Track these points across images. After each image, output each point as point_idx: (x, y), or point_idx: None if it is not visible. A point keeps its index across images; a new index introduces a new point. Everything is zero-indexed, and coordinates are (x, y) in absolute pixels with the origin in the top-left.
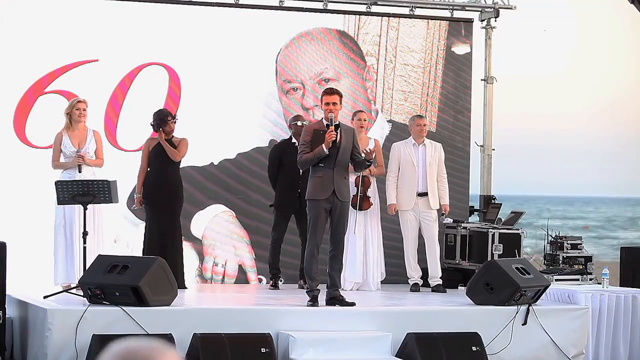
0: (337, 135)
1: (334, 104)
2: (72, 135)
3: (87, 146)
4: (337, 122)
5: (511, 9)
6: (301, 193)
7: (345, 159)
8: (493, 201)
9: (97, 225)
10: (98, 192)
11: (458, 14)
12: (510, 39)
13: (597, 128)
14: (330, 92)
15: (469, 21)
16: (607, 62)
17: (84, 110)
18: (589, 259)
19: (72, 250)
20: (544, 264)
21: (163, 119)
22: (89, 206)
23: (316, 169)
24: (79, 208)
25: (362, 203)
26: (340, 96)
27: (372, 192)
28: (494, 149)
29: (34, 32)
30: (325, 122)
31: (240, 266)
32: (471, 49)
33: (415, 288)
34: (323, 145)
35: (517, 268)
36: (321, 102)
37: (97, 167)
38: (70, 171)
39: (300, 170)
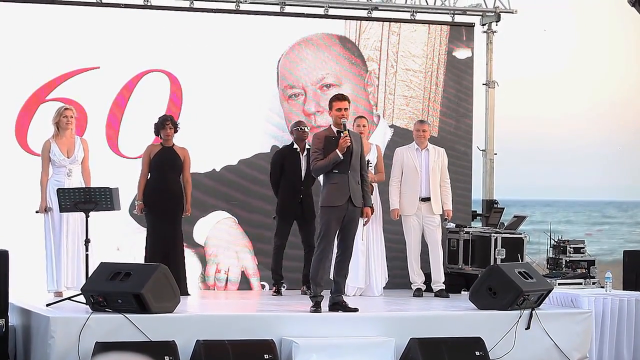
0: (350, 140)
1: (345, 109)
2: (61, 143)
3: (76, 154)
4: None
5: (512, 13)
6: (303, 199)
7: (357, 164)
8: (495, 206)
9: (82, 232)
10: (100, 200)
11: (459, 19)
12: (512, 43)
13: (600, 130)
14: (342, 97)
15: (470, 26)
16: (608, 64)
17: (71, 117)
18: (592, 262)
19: (71, 257)
20: (547, 267)
21: (162, 123)
22: (74, 214)
23: (331, 176)
24: (66, 216)
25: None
26: (349, 102)
27: (374, 198)
28: (496, 154)
29: (35, 39)
30: (334, 129)
31: (243, 272)
32: (472, 53)
33: (418, 293)
34: (337, 150)
35: (520, 272)
36: (330, 109)
37: (87, 180)
38: (59, 177)
39: (302, 176)
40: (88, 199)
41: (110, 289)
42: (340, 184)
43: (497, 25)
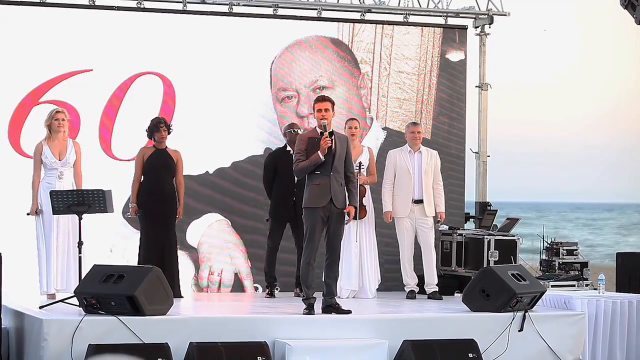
0: (332, 142)
1: (326, 110)
2: (52, 145)
3: (68, 156)
4: (331, 130)
5: (505, 15)
6: (296, 201)
7: (341, 166)
8: (488, 208)
9: (73, 234)
10: (93, 202)
11: (452, 21)
12: (505, 45)
13: (593, 135)
14: (322, 99)
15: (463, 28)
16: (604, 68)
17: (63, 120)
18: (585, 264)
19: (61, 259)
20: (540, 270)
21: (155, 125)
22: (65, 216)
23: (313, 177)
24: (56, 218)
25: (359, 211)
26: (332, 103)
27: (367, 200)
28: (489, 156)
29: (28, 42)
30: (318, 130)
31: (236, 274)
32: (465, 55)
33: (411, 295)
34: (319, 152)
35: (513, 274)
36: (313, 110)
37: (79, 183)
38: (50, 179)
39: (295, 179)
40: (81, 202)
41: (103, 291)
42: (322, 186)
43: (490, 27)
